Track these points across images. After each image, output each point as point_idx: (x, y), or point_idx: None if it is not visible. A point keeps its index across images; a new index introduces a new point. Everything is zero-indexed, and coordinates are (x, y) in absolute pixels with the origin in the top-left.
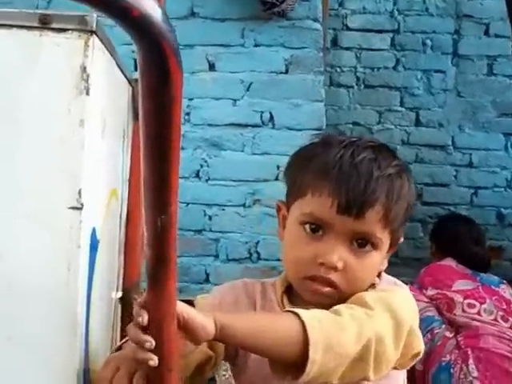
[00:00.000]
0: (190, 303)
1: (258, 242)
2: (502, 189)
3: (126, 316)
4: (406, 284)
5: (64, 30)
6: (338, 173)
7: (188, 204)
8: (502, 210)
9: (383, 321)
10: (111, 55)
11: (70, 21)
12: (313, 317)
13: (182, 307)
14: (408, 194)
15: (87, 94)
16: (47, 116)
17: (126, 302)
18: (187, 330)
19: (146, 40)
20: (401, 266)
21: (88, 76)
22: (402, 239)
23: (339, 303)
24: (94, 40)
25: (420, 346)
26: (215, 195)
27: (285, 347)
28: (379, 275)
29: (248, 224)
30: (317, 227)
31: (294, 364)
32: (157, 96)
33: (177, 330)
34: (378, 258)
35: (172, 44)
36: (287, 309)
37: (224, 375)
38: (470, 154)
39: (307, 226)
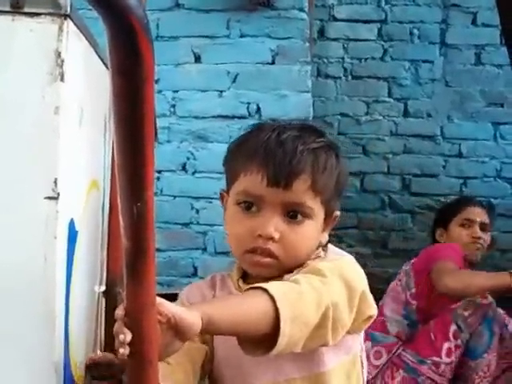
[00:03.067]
0: (175, 297)
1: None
2: (492, 178)
3: (110, 309)
4: None
5: (37, 15)
6: (264, 151)
7: (175, 197)
8: (492, 199)
9: (337, 287)
10: (88, 42)
11: (43, 4)
12: (278, 290)
13: (171, 310)
14: (336, 168)
15: (62, 80)
16: (21, 103)
17: (110, 295)
18: (177, 331)
19: (113, 15)
20: (390, 257)
21: (63, 61)
22: (338, 213)
23: (280, 274)
24: (69, 24)
25: (370, 309)
26: (202, 188)
27: (260, 325)
28: (324, 248)
29: None
30: (251, 204)
31: (264, 339)
32: (127, 75)
33: (158, 325)
34: (312, 227)
35: (141, 20)
36: (255, 285)
37: None
38: (459, 144)
39: (242, 205)
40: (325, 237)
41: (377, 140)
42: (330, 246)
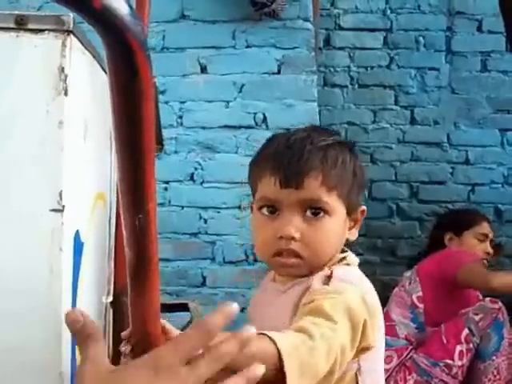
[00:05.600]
0: (185, 306)
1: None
2: (500, 185)
3: (118, 320)
4: None
5: (41, 31)
6: (274, 156)
7: (183, 207)
8: (500, 206)
9: (345, 330)
10: (92, 56)
11: (47, 21)
12: (287, 343)
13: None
14: (350, 162)
15: (66, 94)
16: (26, 118)
17: (117, 305)
18: None
19: (110, 33)
20: (398, 264)
21: (66, 76)
22: (363, 207)
23: (309, 273)
24: (72, 40)
25: (368, 341)
26: (210, 198)
27: (267, 378)
28: (344, 251)
29: (244, 226)
30: (272, 208)
31: None
32: (126, 91)
33: (161, 333)
34: (334, 223)
35: (138, 37)
36: (262, 332)
37: None
38: (466, 151)
39: (264, 210)
40: (353, 234)
41: (384, 148)
42: (345, 269)
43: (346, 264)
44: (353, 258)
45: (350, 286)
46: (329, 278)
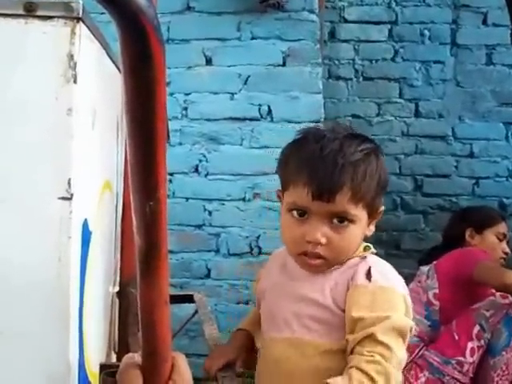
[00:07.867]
0: (191, 298)
1: (258, 236)
2: (504, 178)
3: (124, 310)
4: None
5: (50, 18)
6: (309, 167)
7: (188, 199)
8: (504, 199)
9: (398, 348)
10: (101, 45)
11: (56, 8)
12: None
13: None
14: (376, 171)
15: (75, 82)
16: (34, 105)
17: (123, 295)
18: None
19: (124, 16)
20: (403, 257)
21: (75, 64)
22: (382, 208)
23: (329, 268)
24: (81, 27)
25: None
26: (215, 190)
27: None
28: (366, 249)
29: (248, 218)
30: (302, 212)
31: None
32: (139, 75)
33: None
34: (357, 230)
35: (152, 20)
36: (328, 380)
37: None
38: (471, 144)
39: (294, 212)
40: (370, 229)
41: (388, 141)
42: (374, 260)
43: (371, 252)
44: (371, 246)
45: (392, 286)
46: (369, 271)
